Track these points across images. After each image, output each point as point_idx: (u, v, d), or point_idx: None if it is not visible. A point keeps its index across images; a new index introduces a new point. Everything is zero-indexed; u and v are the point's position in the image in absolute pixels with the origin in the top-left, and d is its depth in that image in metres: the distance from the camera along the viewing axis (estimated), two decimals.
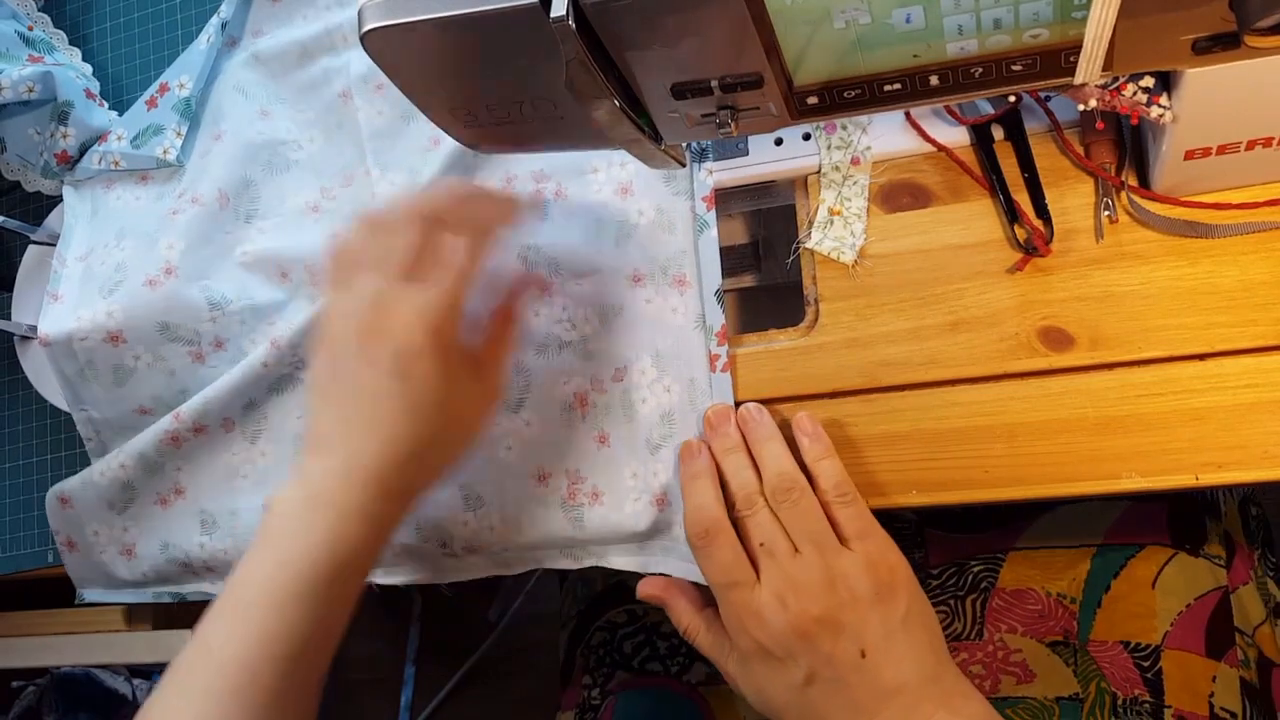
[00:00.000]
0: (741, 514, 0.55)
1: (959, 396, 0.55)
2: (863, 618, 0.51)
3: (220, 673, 0.48)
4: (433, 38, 0.43)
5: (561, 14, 0.39)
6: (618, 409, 0.60)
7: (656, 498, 0.59)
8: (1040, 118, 0.57)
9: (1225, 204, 0.53)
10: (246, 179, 0.68)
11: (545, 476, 0.61)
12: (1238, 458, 0.51)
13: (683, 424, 0.59)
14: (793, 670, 0.52)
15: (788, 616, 0.51)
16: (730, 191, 0.63)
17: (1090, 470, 0.53)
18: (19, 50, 0.72)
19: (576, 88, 0.43)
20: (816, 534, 0.53)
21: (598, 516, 0.60)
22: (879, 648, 0.51)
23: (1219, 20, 0.38)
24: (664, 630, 0.78)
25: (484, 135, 0.51)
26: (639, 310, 0.61)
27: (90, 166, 0.72)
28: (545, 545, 0.61)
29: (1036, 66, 0.42)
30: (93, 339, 0.67)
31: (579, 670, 0.81)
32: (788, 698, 0.52)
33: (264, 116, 0.69)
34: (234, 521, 0.67)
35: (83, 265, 0.70)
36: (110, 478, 0.68)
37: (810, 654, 0.51)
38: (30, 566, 0.73)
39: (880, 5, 0.39)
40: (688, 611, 0.58)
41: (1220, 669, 0.65)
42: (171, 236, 0.67)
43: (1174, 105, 0.48)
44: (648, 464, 0.59)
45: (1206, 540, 0.68)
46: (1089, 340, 0.54)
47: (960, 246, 0.57)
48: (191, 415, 0.65)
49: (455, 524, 0.62)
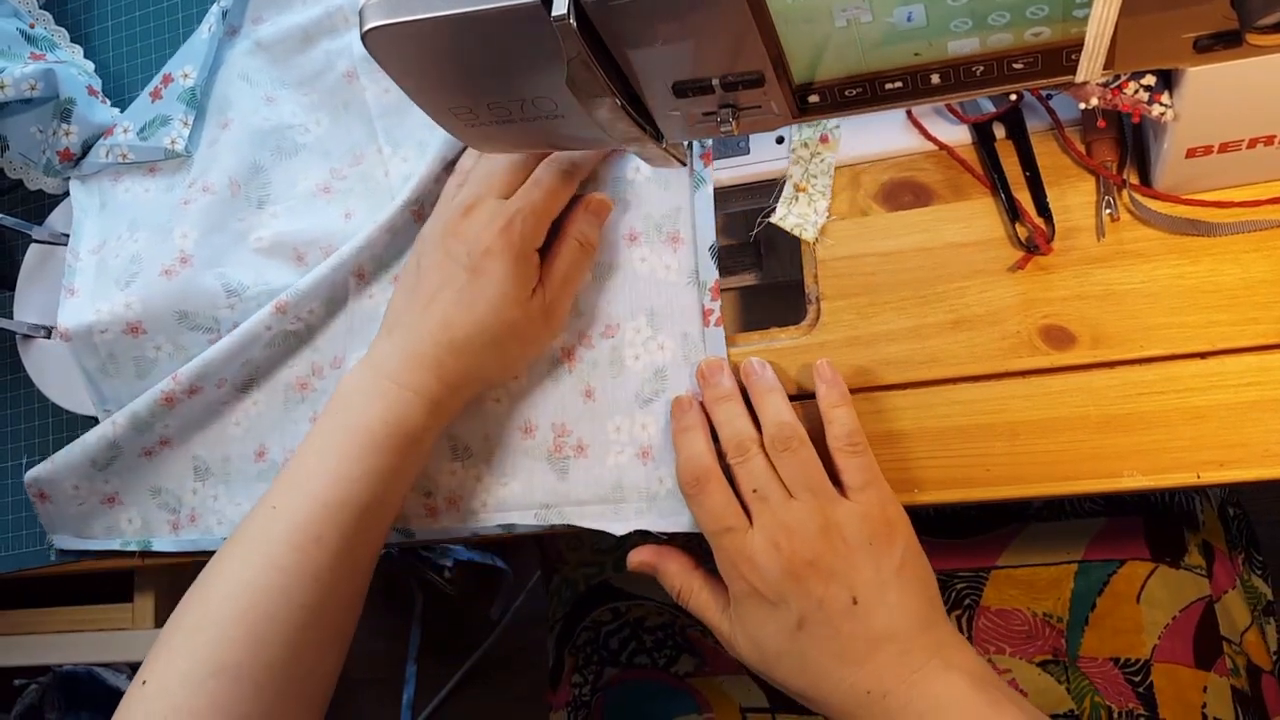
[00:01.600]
0: (734, 461, 0.55)
1: (960, 395, 0.55)
2: (855, 565, 0.51)
3: (284, 531, 0.52)
4: (434, 37, 0.43)
5: (563, 12, 0.39)
6: (605, 365, 0.61)
7: (641, 450, 0.60)
8: (1042, 116, 0.57)
9: (1227, 202, 0.53)
10: (256, 165, 0.69)
11: (531, 429, 0.62)
12: (1239, 456, 0.51)
13: (675, 379, 0.60)
14: (784, 615, 0.51)
15: (780, 559, 0.51)
16: (731, 190, 0.63)
17: (1092, 469, 0.53)
18: (21, 48, 0.72)
19: (577, 86, 0.43)
20: (814, 483, 0.53)
21: (582, 469, 0.61)
22: (871, 595, 0.51)
23: (1221, 18, 0.38)
24: (648, 625, 0.78)
25: (485, 134, 0.51)
26: (634, 270, 0.62)
27: (97, 160, 0.72)
28: (524, 502, 0.62)
29: (1038, 65, 0.42)
30: (113, 331, 0.67)
31: (568, 670, 0.81)
32: (780, 645, 0.52)
33: (269, 103, 0.70)
34: (226, 468, 0.68)
35: (96, 259, 0.70)
36: (98, 436, 0.67)
37: (801, 598, 0.51)
38: (32, 565, 0.73)
39: (882, 4, 0.39)
40: (679, 574, 0.58)
41: (1210, 679, 0.65)
42: (185, 226, 0.67)
43: (1175, 103, 0.48)
44: (635, 417, 0.60)
45: (1186, 551, 0.69)
46: (1090, 339, 0.54)
47: (962, 245, 0.57)
48: (189, 377, 0.65)
49: (442, 473, 0.63)
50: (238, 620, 0.51)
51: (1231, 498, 0.75)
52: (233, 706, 0.49)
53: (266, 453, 0.67)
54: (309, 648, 0.52)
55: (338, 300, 0.66)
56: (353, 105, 0.68)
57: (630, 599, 0.80)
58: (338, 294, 0.66)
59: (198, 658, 0.50)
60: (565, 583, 0.85)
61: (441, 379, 0.56)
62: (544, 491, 0.62)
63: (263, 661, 0.50)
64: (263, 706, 0.50)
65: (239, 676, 0.50)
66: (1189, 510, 0.70)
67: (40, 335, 0.72)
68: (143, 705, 0.50)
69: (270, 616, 0.51)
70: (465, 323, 0.56)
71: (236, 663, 0.50)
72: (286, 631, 0.51)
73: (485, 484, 0.63)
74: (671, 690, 0.75)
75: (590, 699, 0.78)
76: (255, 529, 0.53)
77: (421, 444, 0.57)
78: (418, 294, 0.57)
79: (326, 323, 0.67)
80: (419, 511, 0.64)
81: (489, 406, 0.63)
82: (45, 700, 1.14)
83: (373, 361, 0.57)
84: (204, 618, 0.52)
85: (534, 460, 0.62)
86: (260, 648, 0.51)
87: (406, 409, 0.55)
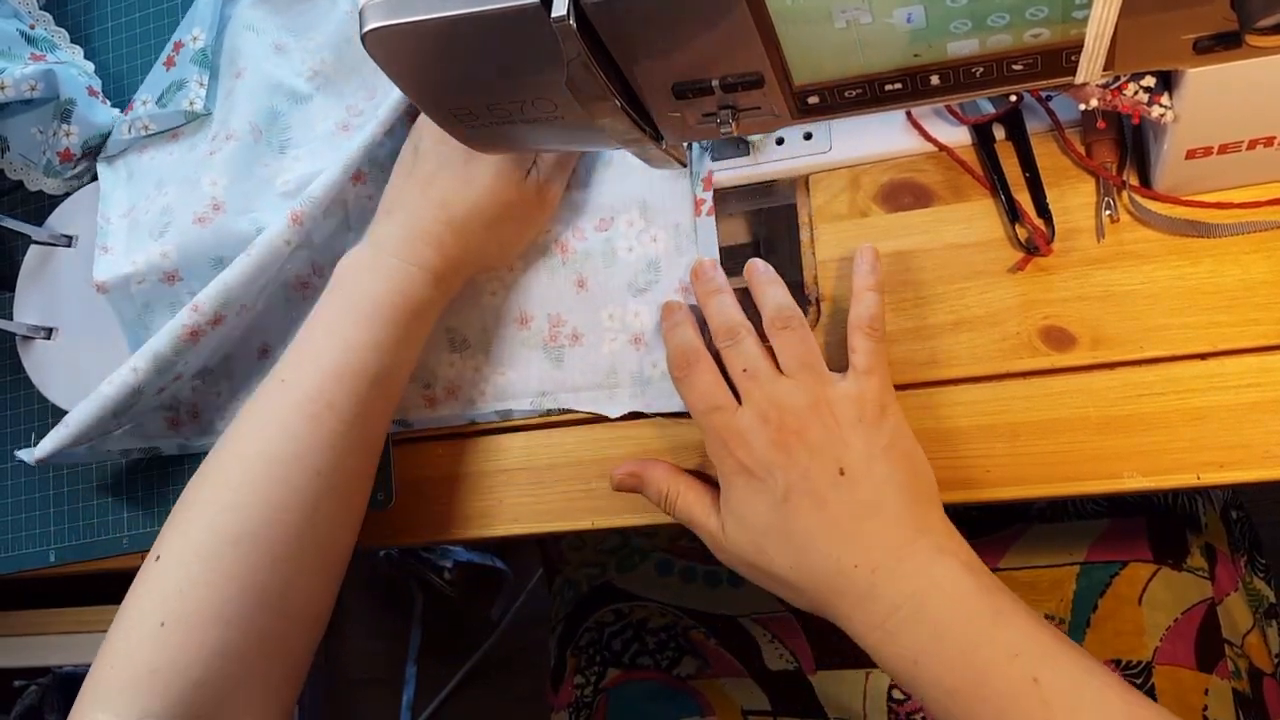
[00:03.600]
0: (723, 345, 0.55)
1: (960, 396, 0.55)
2: (843, 438, 0.50)
3: (297, 400, 0.53)
4: (434, 38, 0.43)
5: (563, 14, 0.39)
6: (598, 256, 0.63)
7: (634, 337, 0.61)
8: (1041, 117, 0.57)
9: (1227, 203, 0.53)
10: (274, 110, 0.69)
11: (527, 320, 0.64)
12: (1239, 457, 0.51)
13: (668, 270, 0.61)
14: (771, 488, 0.51)
15: (768, 431, 0.51)
16: (731, 191, 0.63)
17: (1092, 470, 0.53)
18: (21, 49, 0.72)
19: (577, 88, 0.43)
20: (809, 360, 0.53)
21: (577, 357, 0.62)
22: (858, 467, 0.50)
23: (1220, 19, 0.38)
24: (651, 626, 0.78)
25: (484, 134, 0.51)
26: (626, 162, 0.63)
27: (120, 139, 0.72)
28: (521, 390, 0.63)
29: (1038, 66, 0.42)
30: (150, 280, 0.67)
31: (570, 671, 0.81)
32: (768, 520, 0.51)
33: (279, 50, 0.70)
34: (229, 366, 0.68)
35: (127, 221, 0.70)
36: (119, 384, 0.64)
37: (788, 468, 0.50)
38: (32, 566, 0.73)
39: (881, 5, 0.39)
40: (664, 478, 0.57)
41: (1212, 681, 0.65)
42: (213, 174, 0.67)
43: (1175, 104, 0.48)
44: (628, 306, 0.61)
45: (1188, 553, 0.68)
46: (1090, 340, 0.54)
47: (962, 246, 0.57)
48: (212, 306, 0.63)
49: (441, 364, 0.65)
50: (253, 488, 0.50)
51: (1235, 500, 0.74)
52: (250, 576, 0.49)
53: (270, 351, 0.67)
54: (324, 518, 0.52)
55: (337, 201, 0.66)
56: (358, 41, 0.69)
57: (633, 600, 0.80)
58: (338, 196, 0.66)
59: (213, 528, 0.50)
60: (567, 583, 0.85)
61: (443, 255, 0.57)
62: (540, 379, 0.63)
63: (279, 531, 0.50)
64: (280, 577, 0.50)
65: (255, 546, 0.49)
66: (1191, 512, 0.70)
67: (40, 336, 0.72)
68: (157, 581, 0.49)
69: (285, 482, 0.51)
70: (463, 202, 0.57)
71: (253, 532, 0.49)
72: (302, 499, 0.51)
73: (483, 374, 0.64)
74: (673, 692, 0.75)
75: (592, 700, 0.78)
76: (266, 402, 0.54)
77: (425, 318, 0.58)
78: (415, 176, 0.58)
79: (325, 223, 0.67)
80: (418, 403, 0.65)
81: (486, 299, 0.65)
82: (45, 701, 1.14)
83: (374, 241, 0.58)
84: (219, 489, 0.51)
85: (530, 350, 0.64)
86: (276, 515, 0.50)
87: (411, 283, 0.56)
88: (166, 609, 0.48)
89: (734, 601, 0.78)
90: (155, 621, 0.48)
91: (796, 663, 0.74)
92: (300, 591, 0.52)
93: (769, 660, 0.75)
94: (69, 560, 0.73)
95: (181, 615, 0.48)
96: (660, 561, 0.81)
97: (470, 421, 0.64)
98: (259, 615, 0.50)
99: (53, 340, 0.72)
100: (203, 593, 0.48)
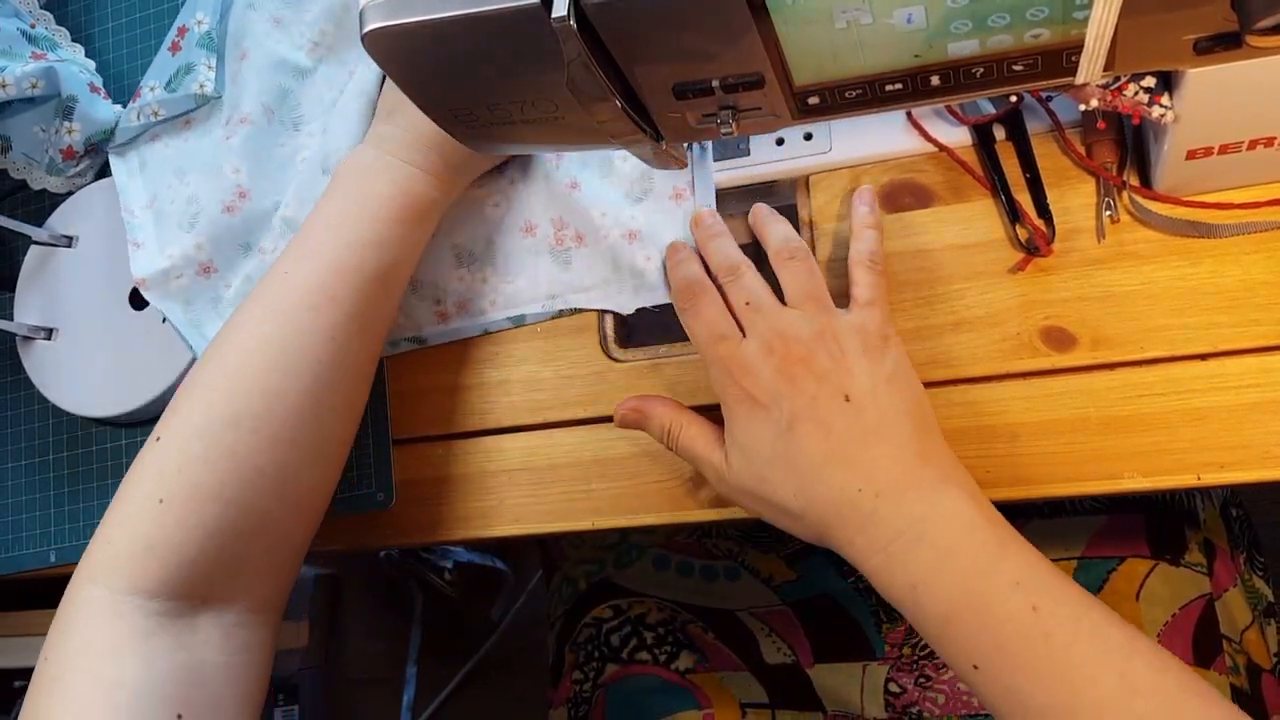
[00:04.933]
0: (725, 280, 0.55)
1: (961, 396, 0.55)
2: (848, 367, 0.50)
3: (300, 291, 0.53)
4: (434, 38, 0.43)
5: (563, 14, 0.39)
6: (594, 163, 0.64)
7: (628, 233, 0.62)
8: (1042, 117, 0.57)
9: (1227, 204, 0.53)
10: (282, 88, 0.69)
11: (532, 228, 0.65)
12: (1240, 458, 0.51)
13: (661, 180, 0.62)
14: (777, 416, 0.50)
15: (773, 360, 0.51)
16: (731, 191, 0.63)
17: (1092, 470, 0.53)
18: (22, 48, 0.72)
19: (578, 88, 0.43)
20: (814, 291, 0.53)
21: (583, 257, 0.64)
22: (864, 395, 0.50)
23: (1221, 20, 0.38)
24: (649, 622, 0.78)
25: (484, 135, 0.51)
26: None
27: (130, 126, 0.72)
28: (532, 296, 0.65)
29: (1038, 66, 0.42)
30: (187, 274, 0.68)
31: (569, 667, 0.81)
32: (773, 448, 0.51)
33: (278, 24, 0.70)
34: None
35: (152, 212, 0.71)
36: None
37: (794, 396, 0.50)
38: (32, 566, 0.73)
39: (882, 5, 0.39)
40: (667, 413, 0.57)
41: (1209, 677, 0.65)
42: (234, 160, 0.68)
43: (1175, 105, 0.48)
44: (622, 208, 0.62)
45: (1186, 549, 0.68)
46: (1091, 340, 0.54)
47: (962, 246, 0.57)
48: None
49: (450, 280, 0.66)
50: (255, 374, 0.51)
51: (1234, 499, 0.74)
52: (248, 457, 0.50)
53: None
54: (322, 406, 0.53)
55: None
56: (352, 6, 0.69)
57: (631, 596, 0.80)
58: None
59: (214, 410, 0.50)
60: (566, 580, 0.85)
61: (444, 157, 0.57)
62: (549, 282, 0.64)
63: (279, 415, 0.51)
64: (277, 460, 0.51)
65: (255, 428, 0.50)
66: (1190, 508, 0.70)
67: (40, 337, 0.72)
68: (156, 459, 0.50)
69: (286, 370, 0.51)
70: None
71: (253, 414, 0.50)
72: (302, 387, 0.52)
73: (492, 284, 0.65)
74: (672, 686, 0.75)
75: (591, 695, 0.78)
76: (269, 292, 0.54)
77: (429, 217, 0.59)
78: None
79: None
80: (429, 319, 0.66)
81: (489, 211, 0.65)
82: None
83: (376, 140, 0.58)
84: (220, 373, 0.52)
85: (537, 256, 0.65)
86: (277, 401, 0.51)
87: (413, 182, 0.57)
88: (164, 487, 0.49)
89: (731, 595, 0.78)
90: (154, 499, 0.48)
91: (794, 656, 0.74)
92: (298, 477, 0.52)
93: (767, 654, 0.75)
94: (70, 560, 0.72)
95: (179, 492, 0.48)
96: (657, 557, 0.82)
97: (484, 331, 0.65)
98: (256, 496, 0.50)
99: (53, 341, 0.72)
100: (201, 470, 0.49)
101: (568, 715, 0.79)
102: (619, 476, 0.61)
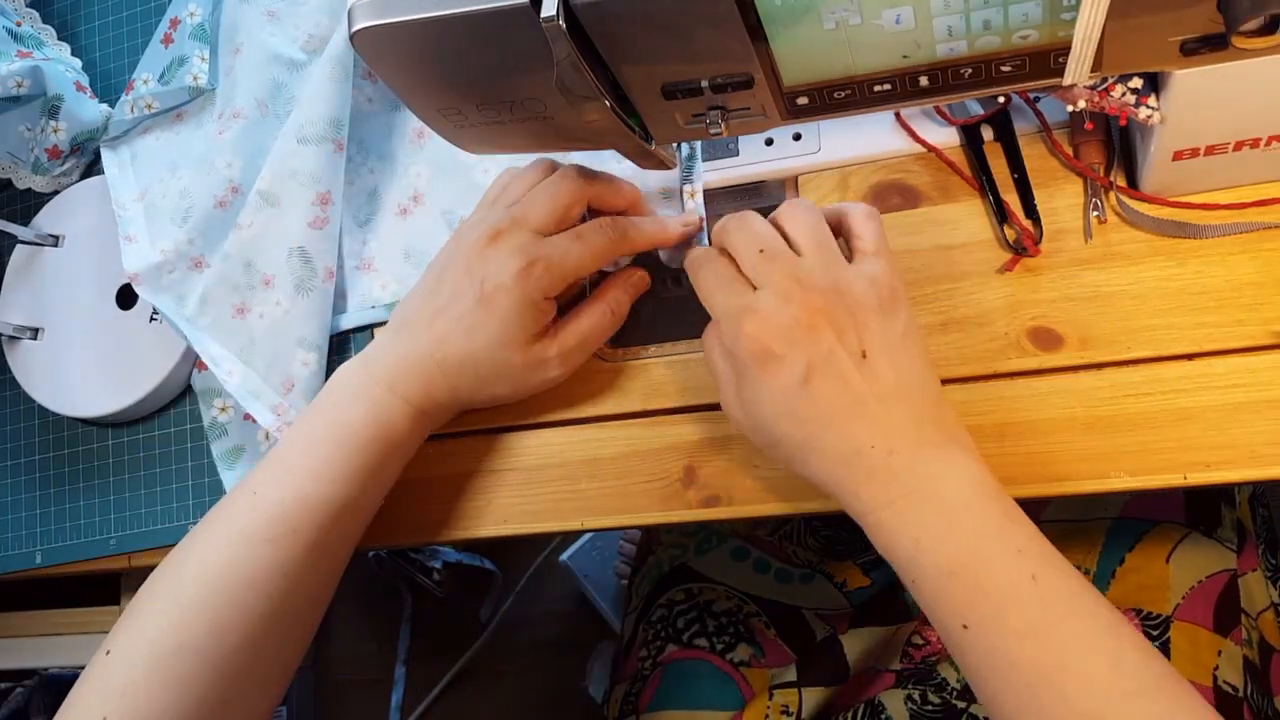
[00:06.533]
0: (732, 227, 0.53)
1: (949, 396, 0.55)
2: (864, 322, 0.49)
3: (262, 522, 0.53)
4: (423, 37, 0.43)
5: (552, 14, 0.39)
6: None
7: None
8: (1029, 118, 0.57)
9: (1213, 204, 0.53)
10: (276, 82, 0.69)
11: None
12: (1226, 457, 0.51)
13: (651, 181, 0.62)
14: (792, 367, 0.48)
15: (791, 309, 0.48)
16: (720, 191, 0.63)
17: (1079, 469, 0.53)
18: (8, 46, 0.71)
19: (567, 88, 0.43)
20: (825, 240, 0.51)
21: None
22: (880, 353, 0.49)
23: (1207, 22, 0.38)
24: (714, 610, 0.81)
25: (475, 135, 0.51)
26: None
27: (123, 119, 0.72)
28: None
29: (1026, 67, 0.42)
30: (179, 269, 0.67)
31: (637, 645, 0.84)
32: (784, 403, 0.49)
33: (271, 17, 0.70)
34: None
35: (143, 205, 0.70)
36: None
37: (812, 346, 0.48)
38: (18, 568, 0.73)
39: (870, 6, 0.39)
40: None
41: (1226, 645, 0.66)
42: (227, 155, 0.67)
43: (1162, 106, 0.48)
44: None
45: (1220, 524, 0.69)
46: (1078, 340, 0.54)
47: (950, 247, 0.57)
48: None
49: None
50: (204, 604, 0.51)
51: (1262, 497, 0.75)
52: (189, 688, 0.50)
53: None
54: (270, 637, 0.53)
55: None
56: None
57: (704, 582, 0.83)
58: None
59: (161, 636, 0.51)
60: (655, 564, 0.88)
61: (429, 393, 0.57)
62: None
63: (225, 647, 0.51)
64: (219, 689, 0.51)
65: (201, 662, 0.51)
66: (1229, 489, 0.71)
67: (26, 336, 0.72)
68: (103, 676, 0.51)
69: (235, 604, 0.52)
70: (460, 347, 0.56)
71: (198, 646, 0.51)
72: (251, 620, 0.52)
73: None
74: (722, 675, 0.77)
75: (650, 672, 0.80)
76: (235, 513, 0.54)
77: (403, 450, 0.58)
78: (429, 302, 0.57)
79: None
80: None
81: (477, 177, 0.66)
82: (31, 704, 1.13)
83: (368, 359, 0.58)
84: (172, 597, 0.52)
85: None
86: (223, 633, 0.51)
87: (391, 414, 0.56)
88: (108, 706, 0.50)
89: (801, 595, 0.80)
90: (99, 715, 0.50)
91: (832, 630, 0.77)
92: (239, 704, 0.53)
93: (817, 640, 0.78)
94: (56, 561, 0.72)
95: (120, 713, 0.49)
96: (736, 548, 0.84)
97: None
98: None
99: (39, 341, 0.72)
100: (142, 697, 0.50)
101: (627, 690, 0.82)
102: (608, 476, 0.61)
